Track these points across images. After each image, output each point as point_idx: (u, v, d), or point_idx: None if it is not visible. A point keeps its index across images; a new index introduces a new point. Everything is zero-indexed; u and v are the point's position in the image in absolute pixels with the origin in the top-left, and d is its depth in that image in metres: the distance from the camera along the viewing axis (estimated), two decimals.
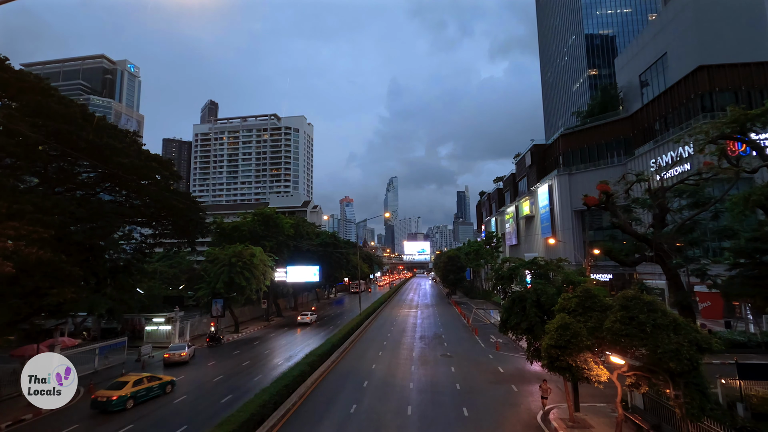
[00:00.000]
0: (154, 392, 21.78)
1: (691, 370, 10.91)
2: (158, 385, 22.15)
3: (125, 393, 19.99)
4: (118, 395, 19.73)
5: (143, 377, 21.59)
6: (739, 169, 15.17)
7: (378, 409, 19.77)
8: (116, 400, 19.59)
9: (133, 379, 20.88)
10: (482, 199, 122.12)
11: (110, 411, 19.42)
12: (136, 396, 20.56)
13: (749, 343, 28.20)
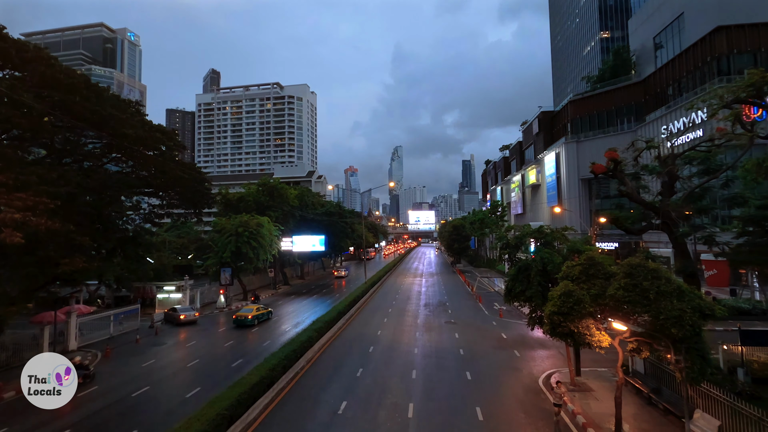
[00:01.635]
0: (264, 316, 33.35)
1: (692, 336, 11.00)
2: (266, 312, 33.83)
3: (252, 316, 31.43)
4: (252, 316, 31.35)
5: (259, 307, 33.30)
6: (754, 134, 14.68)
7: (384, 373, 20.39)
8: (250, 318, 31.26)
9: (254, 308, 32.41)
10: (488, 168, 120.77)
11: (246, 325, 31.01)
12: (258, 317, 32.10)
13: (754, 311, 28.35)
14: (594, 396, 16.80)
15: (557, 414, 13.89)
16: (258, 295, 39.73)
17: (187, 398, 17.64)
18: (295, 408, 16.42)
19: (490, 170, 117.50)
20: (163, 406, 16.96)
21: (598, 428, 14.00)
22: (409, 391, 18.05)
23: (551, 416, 15.30)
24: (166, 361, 23.27)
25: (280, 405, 16.69)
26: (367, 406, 16.50)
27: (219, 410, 13.37)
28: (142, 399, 17.81)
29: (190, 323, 32.68)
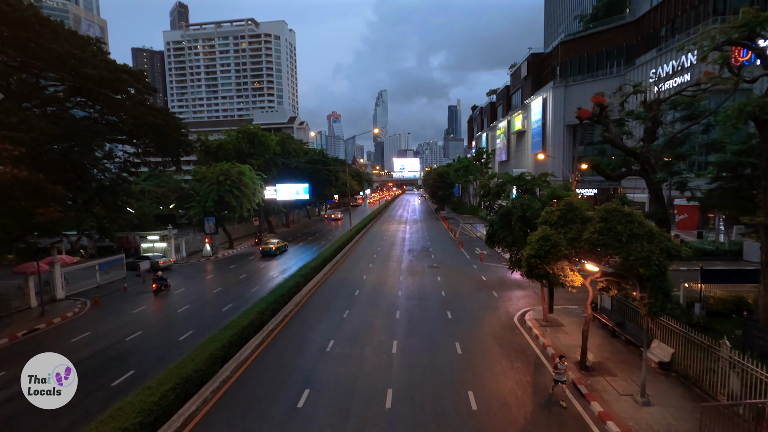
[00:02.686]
0: (284, 248, 42.05)
1: (658, 275, 11.71)
2: (284, 245, 42.54)
3: (276, 247, 39.88)
4: (275, 247, 39.82)
5: (278, 240, 42.19)
6: (740, 78, 14.66)
7: (369, 315, 21.35)
8: (274, 249, 39.70)
9: (276, 242, 40.58)
10: (474, 114, 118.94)
11: (270, 255, 39.44)
12: (279, 248, 40.69)
13: (716, 252, 30.12)
14: (564, 330, 18.07)
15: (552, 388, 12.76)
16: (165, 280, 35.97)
17: (180, 341, 18.27)
18: (285, 347, 17.24)
19: (476, 116, 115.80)
20: (157, 349, 17.59)
21: (566, 358, 15.21)
22: (393, 329, 19.05)
23: (524, 349, 16.56)
24: (156, 308, 23.76)
25: (270, 345, 17.49)
26: (353, 344, 17.44)
27: (212, 350, 13.95)
28: (136, 343, 18.39)
29: (166, 269, 33.58)
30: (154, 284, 26.41)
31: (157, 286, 26.29)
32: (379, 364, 15.42)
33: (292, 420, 11.90)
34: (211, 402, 12.90)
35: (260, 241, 46.59)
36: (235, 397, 13.24)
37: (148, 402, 10.51)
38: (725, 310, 17.84)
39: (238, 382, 14.28)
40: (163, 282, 26.66)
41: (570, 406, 12.40)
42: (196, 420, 11.89)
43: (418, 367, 15.12)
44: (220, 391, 13.55)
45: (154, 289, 26.32)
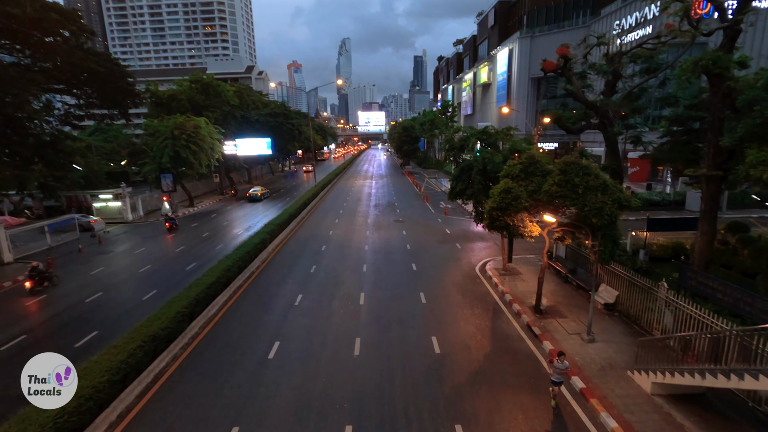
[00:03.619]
0: (267, 194, 48.64)
1: (610, 225, 12.49)
2: (268, 192, 49.39)
3: (261, 193, 46.66)
4: (260, 193, 46.54)
5: (262, 187, 48.87)
6: (698, 31, 15.02)
7: (336, 268, 21.66)
8: (260, 195, 46.37)
9: (261, 189, 47.41)
10: (440, 65, 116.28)
11: (257, 200, 45.67)
12: (264, 194, 47.40)
13: (662, 202, 32.33)
14: (521, 278, 19.20)
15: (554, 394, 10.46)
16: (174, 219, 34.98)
17: (143, 300, 17.92)
18: (253, 303, 17.33)
19: (442, 67, 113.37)
20: (120, 309, 17.19)
21: (522, 303, 16.31)
22: (360, 282, 19.51)
23: (484, 296, 17.53)
24: (116, 268, 22.94)
25: (238, 301, 17.51)
26: (321, 297, 17.78)
27: (179, 309, 13.83)
28: (98, 303, 17.86)
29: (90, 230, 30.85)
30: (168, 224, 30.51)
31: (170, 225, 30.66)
32: (348, 316, 15.90)
33: (264, 370, 12.24)
34: (182, 357, 12.98)
35: (237, 192, 51.75)
36: (205, 352, 13.36)
37: (116, 360, 10.43)
38: (666, 256, 19.46)
39: (207, 337, 14.36)
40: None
41: (524, 345, 13.45)
42: (167, 374, 12.00)
43: (385, 316, 15.73)
44: (189, 347, 13.61)
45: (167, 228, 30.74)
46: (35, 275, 19.04)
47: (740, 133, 11.54)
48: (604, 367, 11.99)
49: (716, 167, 13.81)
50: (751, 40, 29.83)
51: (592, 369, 11.92)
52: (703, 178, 14.47)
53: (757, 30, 29.23)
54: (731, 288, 11.89)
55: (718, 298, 12.14)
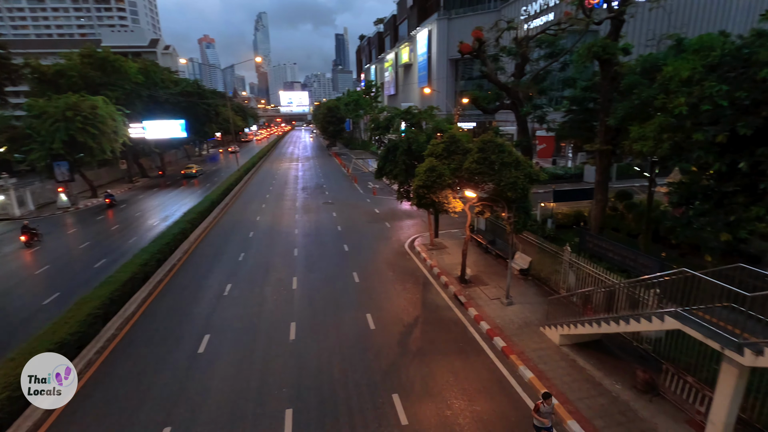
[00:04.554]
0: (201, 172, 51.66)
1: (522, 197, 13.72)
2: (201, 170, 52.21)
3: (196, 171, 49.93)
4: (195, 171, 49.91)
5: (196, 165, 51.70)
6: (590, 20, 16.69)
7: (266, 255, 21.08)
8: (195, 172, 49.71)
9: (195, 167, 50.53)
10: (362, 44, 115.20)
11: (192, 177, 48.39)
12: (199, 173, 50.42)
13: (566, 175, 36.00)
14: (447, 252, 20.37)
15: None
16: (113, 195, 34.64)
17: (45, 305, 15.93)
18: (177, 297, 16.30)
19: (364, 47, 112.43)
20: (16, 317, 15.10)
21: (449, 274, 17.39)
22: (291, 267, 19.25)
23: (414, 271, 18.36)
24: (6, 271, 19.96)
25: (160, 296, 16.36)
26: (252, 285, 17.27)
27: (90, 310, 12.58)
28: None
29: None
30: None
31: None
32: (281, 301, 15.69)
33: (194, 365, 11.71)
34: (98, 362, 11.91)
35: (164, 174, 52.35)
36: (126, 353, 12.39)
37: (14, 375, 9.26)
38: (569, 223, 21.86)
39: (127, 337, 13.30)
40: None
41: (452, 313, 14.44)
42: (82, 382, 10.94)
43: (319, 299, 15.81)
44: (106, 350, 12.50)
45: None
46: None
47: (623, 113, 13.25)
48: (521, 326, 13.35)
49: (606, 143, 15.76)
50: (633, 30, 33.79)
51: (511, 329, 13.21)
52: (596, 152, 16.43)
53: (637, 21, 33.13)
54: (619, 247, 13.83)
55: (610, 257, 14.06)
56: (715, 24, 42.24)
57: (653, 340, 11.19)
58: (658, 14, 28.34)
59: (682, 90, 10.84)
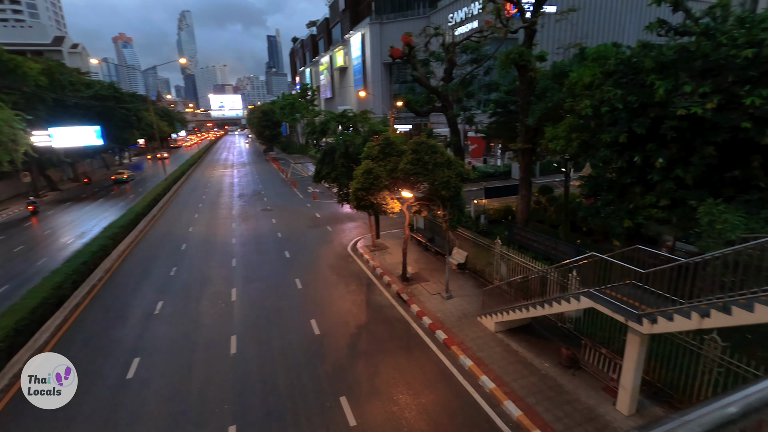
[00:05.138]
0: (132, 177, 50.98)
1: (455, 195, 14.44)
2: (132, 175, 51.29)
3: (128, 177, 49.21)
4: (127, 176, 49.32)
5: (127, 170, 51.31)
6: (507, 29, 18.00)
7: (201, 267, 20.04)
8: (127, 178, 49.06)
9: (126, 172, 50.01)
10: (295, 47, 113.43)
11: (123, 183, 48.17)
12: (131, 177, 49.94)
13: (496, 173, 38.22)
14: (389, 252, 20.79)
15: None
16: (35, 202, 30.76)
17: None
18: (99, 320, 14.96)
19: (297, 49, 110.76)
20: None
21: (391, 274, 17.78)
22: (230, 278, 18.51)
23: (358, 273, 18.51)
24: None
25: (78, 321, 14.90)
26: (186, 300, 16.35)
27: None
28: None
29: None
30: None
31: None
32: (219, 315, 15.04)
33: (123, 392, 10.87)
34: (2, 402, 10.59)
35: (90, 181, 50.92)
36: None
37: None
38: (500, 218, 23.30)
39: None
40: None
41: (395, 312, 14.80)
42: None
43: (261, 308, 15.38)
44: (12, 388, 11.16)
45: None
46: None
47: (539, 114, 14.49)
48: (460, 318, 14.04)
49: (527, 142, 17.11)
50: (545, 39, 36.84)
51: (451, 321, 13.84)
52: (519, 151, 17.75)
53: (549, 31, 36.20)
54: (542, 237, 15.08)
55: (535, 247, 15.27)
56: (613, 35, 47.48)
57: (574, 320, 12.36)
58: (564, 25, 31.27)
59: (586, 94, 12.13)
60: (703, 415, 0.73)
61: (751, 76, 9.38)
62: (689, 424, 0.71)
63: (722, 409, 0.74)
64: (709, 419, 0.72)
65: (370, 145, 16.05)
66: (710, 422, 0.72)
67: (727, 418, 0.72)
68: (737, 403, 0.75)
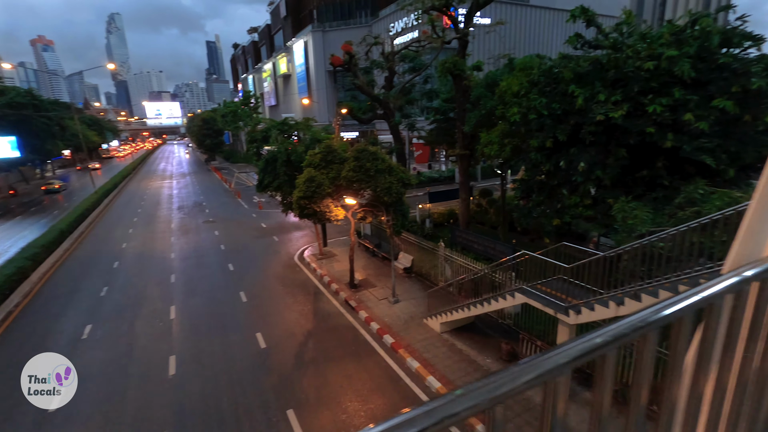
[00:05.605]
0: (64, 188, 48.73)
1: (398, 201, 14.73)
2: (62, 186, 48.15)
3: (59, 187, 47.20)
4: (59, 186, 47.24)
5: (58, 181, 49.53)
6: (442, 39, 18.77)
7: (136, 285, 18.77)
8: (59, 188, 47.11)
9: (58, 183, 48.11)
10: (237, 53, 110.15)
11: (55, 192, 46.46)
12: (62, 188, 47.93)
13: (440, 178, 39.49)
14: (337, 259, 20.71)
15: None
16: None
17: None
18: (15, 351, 13.49)
19: (239, 56, 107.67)
20: None
21: (339, 282, 17.73)
22: (168, 295, 17.50)
23: (305, 282, 18.26)
24: None
25: None
26: (119, 322, 15.22)
27: None
28: None
29: None
30: None
31: None
32: (157, 335, 14.16)
33: (45, 428, 9.88)
34: None
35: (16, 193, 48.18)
36: None
37: None
38: (444, 221, 24.05)
39: None
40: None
41: (344, 319, 14.76)
42: None
43: (203, 325, 14.69)
44: None
45: None
46: None
47: (474, 121, 15.24)
48: (407, 321, 14.28)
49: (464, 148, 17.89)
50: (478, 49, 38.77)
51: (398, 325, 14.05)
52: (457, 156, 18.49)
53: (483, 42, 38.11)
54: (482, 238, 15.80)
55: (476, 248, 15.96)
56: (540, 47, 50.96)
57: (513, 315, 13.04)
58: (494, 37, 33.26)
59: (515, 101, 12.95)
60: (571, 347, 0.84)
61: (652, 86, 10.52)
62: (557, 357, 0.82)
63: (590, 341, 0.86)
64: (577, 350, 0.84)
65: (312, 153, 15.98)
66: (577, 351, 0.83)
67: (594, 346, 0.85)
68: (603, 335, 0.87)
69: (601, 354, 0.89)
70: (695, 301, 1.01)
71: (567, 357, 0.83)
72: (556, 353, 0.83)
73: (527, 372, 0.79)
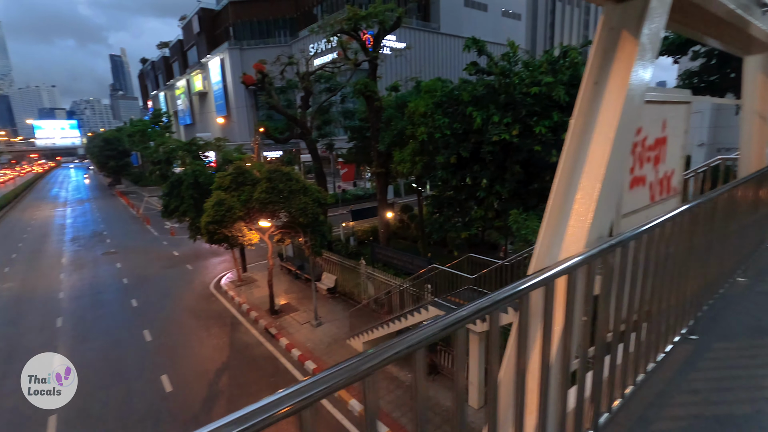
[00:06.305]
0: None
1: (314, 221, 14.46)
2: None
3: None
4: None
5: None
6: (354, 61, 19.18)
7: (9, 335, 16.02)
8: None
9: None
10: (146, 69, 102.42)
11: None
12: None
13: (365, 195, 39.86)
14: (257, 285, 19.71)
15: None
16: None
17: None
18: None
19: (148, 71, 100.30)
20: None
21: (259, 309, 16.83)
22: (53, 342, 15.18)
23: (221, 313, 17.04)
24: None
25: None
26: None
27: None
28: None
29: None
30: None
31: None
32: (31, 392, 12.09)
33: None
34: None
35: None
36: None
37: None
38: (368, 238, 24.16)
39: None
40: None
41: (263, 349, 13.96)
42: None
43: (94, 373, 12.90)
44: None
45: None
46: None
47: (388, 140, 15.66)
48: (330, 344, 13.92)
49: (380, 166, 18.26)
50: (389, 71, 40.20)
51: (321, 349, 13.62)
52: (374, 174, 18.81)
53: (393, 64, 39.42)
54: (400, 254, 16.09)
55: (395, 263, 16.17)
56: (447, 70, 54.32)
57: None
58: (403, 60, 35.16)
59: (422, 121, 13.54)
60: (441, 319, 1.12)
61: (536, 110, 11.66)
62: (431, 327, 1.11)
63: (457, 314, 1.16)
64: (447, 320, 1.14)
65: (221, 174, 15.17)
66: (446, 323, 1.13)
67: (458, 318, 1.15)
68: (468, 309, 1.17)
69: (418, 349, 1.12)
70: (510, 294, 1.34)
71: (382, 357, 1.03)
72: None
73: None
